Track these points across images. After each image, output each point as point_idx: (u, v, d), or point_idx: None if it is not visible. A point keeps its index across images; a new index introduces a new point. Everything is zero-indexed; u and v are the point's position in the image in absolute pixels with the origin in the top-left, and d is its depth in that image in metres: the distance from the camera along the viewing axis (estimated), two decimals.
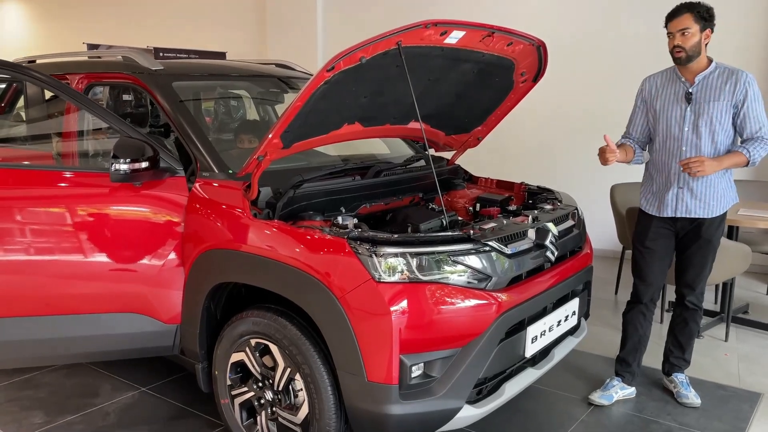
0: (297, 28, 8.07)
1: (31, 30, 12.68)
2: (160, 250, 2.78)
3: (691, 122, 3.00)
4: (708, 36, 2.94)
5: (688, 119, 3.01)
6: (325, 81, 2.41)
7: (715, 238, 3.12)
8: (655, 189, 3.16)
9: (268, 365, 2.58)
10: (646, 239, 3.18)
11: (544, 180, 3.84)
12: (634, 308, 3.28)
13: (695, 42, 2.91)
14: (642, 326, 3.27)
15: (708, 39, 2.95)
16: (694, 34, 2.90)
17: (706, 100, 2.97)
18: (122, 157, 2.61)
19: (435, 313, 2.28)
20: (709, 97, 2.96)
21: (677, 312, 3.30)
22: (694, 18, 2.89)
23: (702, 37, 2.92)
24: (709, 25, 2.92)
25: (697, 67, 2.98)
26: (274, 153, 2.62)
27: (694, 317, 3.26)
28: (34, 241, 2.78)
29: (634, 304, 3.28)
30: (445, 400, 2.32)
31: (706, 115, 2.96)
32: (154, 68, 3.12)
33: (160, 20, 9.98)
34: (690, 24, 2.89)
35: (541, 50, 3.03)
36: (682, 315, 3.28)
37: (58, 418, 3.08)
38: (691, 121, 3.00)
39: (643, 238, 3.20)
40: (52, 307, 2.79)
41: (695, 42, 2.91)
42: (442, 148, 3.67)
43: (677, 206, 3.08)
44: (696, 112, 2.98)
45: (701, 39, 2.92)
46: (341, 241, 2.31)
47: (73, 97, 2.96)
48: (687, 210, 3.07)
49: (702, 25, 2.90)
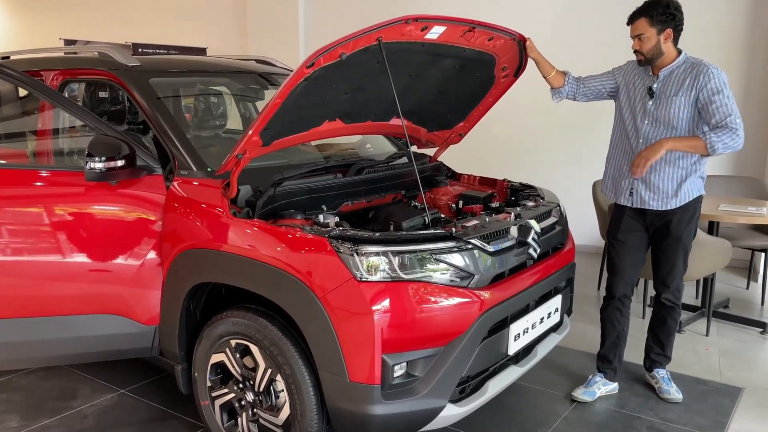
0: (278, 22, 8.00)
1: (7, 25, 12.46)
2: (138, 249, 2.73)
3: (650, 116, 2.99)
4: (669, 35, 2.91)
5: (648, 113, 3.00)
6: (305, 77, 2.38)
7: (686, 236, 3.09)
8: (613, 174, 3.19)
9: (249, 366, 2.55)
10: (618, 232, 3.19)
11: (526, 176, 3.84)
12: (609, 304, 3.28)
13: (652, 45, 2.90)
14: (619, 322, 3.27)
15: (669, 37, 2.91)
16: (650, 38, 2.89)
17: (666, 95, 2.95)
18: (97, 156, 2.56)
19: (417, 312, 2.26)
20: (670, 92, 2.95)
21: (655, 309, 3.32)
22: (649, 22, 2.88)
23: (661, 39, 2.90)
24: (668, 26, 2.89)
25: (663, 62, 2.97)
26: (254, 151, 2.59)
27: (671, 314, 3.26)
28: (8, 242, 2.71)
29: (609, 300, 3.29)
30: (427, 399, 2.30)
31: (665, 110, 2.95)
32: (130, 64, 3.06)
33: (140, 15, 9.85)
34: (644, 29, 2.89)
35: (522, 45, 3.02)
36: (660, 312, 3.29)
37: (34, 422, 3.02)
38: (651, 116, 2.99)
39: (615, 231, 3.21)
40: (27, 309, 2.73)
41: (652, 45, 2.90)
42: (424, 145, 3.65)
43: (632, 197, 3.09)
44: (658, 108, 2.97)
45: (659, 41, 2.90)
46: (322, 240, 2.29)
47: (46, 95, 2.90)
48: (641, 201, 3.07)
49: (659, 27, 2.88)
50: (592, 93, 3.22)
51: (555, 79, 3.20)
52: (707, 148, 2.83)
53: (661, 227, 3.10)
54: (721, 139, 2.81)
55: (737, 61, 5.58)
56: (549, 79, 3.20)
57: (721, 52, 5.58)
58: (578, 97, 3.26)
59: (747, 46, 5.54)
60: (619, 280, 3.22)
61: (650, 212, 3.08)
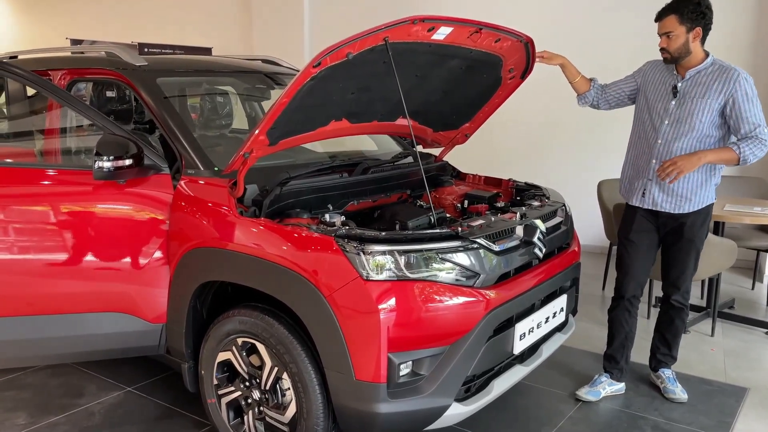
0: (283, 22, 8.01)
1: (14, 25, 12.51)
2: (145, 248, 2.74)
3: (674, 117, 2.97)
4: (698, 34, 2.86)
5: (671, 113, 2.97)
6: (312, 77, 2.39)
7: (698, 239, 3.08)
8: (630, 174, 3.18)
9: (255, 364, 2.56)
10: (630, 232, 3.18)
11: (531, 176, 3.84)
12: (618, 305, 3.27)
13: (680, 44, 2.86)
14: (627, 323, 3.27)
15: (698, 37, 2.87)
16: (679, 36, 2.85)
17: (691, 97, 2.92)
18: (105, 155, 2.57)
19: (423, 311, 2.27)
20: (695, 94, 2.91)
21: (663, 309, 3.31)
22: (679, 20, 2.83)
23: (690, 38, 2.85)
24: (698, 24, 2.84)
25: (691, 63, 2.93)
26: (260, 150, 2.60)
27: (680, 315, 3.25)
28: (16, 240, 2.73)
29: (618, 300, 3.28)
30: (433, 398, 2.31)
31: (689, 112, 2.92)
32: (138, 64, 3.08)
33: (146, 15, 9.88)
34: (674, 27, 2.85)
35: (528, 47, 3.02)
36: (668, 312, 3.28)
37: (42, 419, 3.04)
38: (674, 116, 2.97)
39: (627, 231, 3.20)
40: (35, 306, 2.75)
41: (680, 44, 2.86)
42: (429, 145, 3.66)
43: (645, 197, 3.07)
44: (680, 108, 2.95)
45: (688, 39, 2.86)
46: (328, 239, 2.30)
47: (54, 94, 2.91)
48: (654, 203, 3.05)
49: (689, 25, 2.83)
50: (615, 99, 3.22)
51: (580, 84, 3.21)
52: (739, 160, 2.83)
53: (674, 229, 3.08)
54: (752, 151, 2.82)
55: (743, 59, 5.56)
56: (574, 84, 3.21)
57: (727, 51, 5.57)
58: (601, 105, 3.25)
59: (752, 45, 5.53)
60: (630, 280, 3.21)
61: (663, 214, 3.07)
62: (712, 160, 2.90)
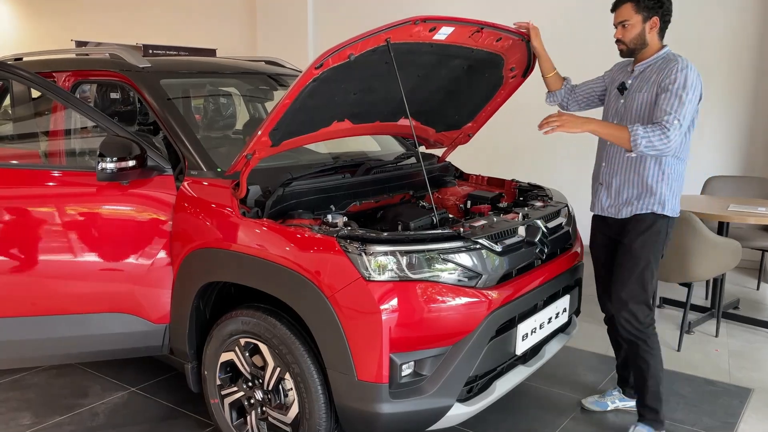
0: (287, 23, 8.04)
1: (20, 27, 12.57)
2: (149, 249, 2.75)
3: (619, 115, 2.79)
4: (655, 24, 2.68)
5: (617, 112, 2.80)
6: (314, 78, 2.40)
7: (641, 254, 2.74)
8: (592, 180, 3.00)
9: (258, 365, 2.56)
10: (593, 245, 3.04)
11: (535, 177, 3.84)
12: (608, 323, 3.04)
13: (636, 34, 2.69)
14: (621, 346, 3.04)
15: (656, 27, 2.69)
16: (634, 25, 2.68)
17: (633, 92, 2.74)
18: (109, 156, 2.58)
19: (425, 311, 2.27)
20: (637, 89, 2.73)
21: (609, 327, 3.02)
22: (635, 8, 2.67)
23: (646, 28, 2.68)
24: (655, 13, 2.66)
25: (644, 56, 2.75)
26: (263, 151, 2.61)
27: (634, 348, 2.81)
28: (20, 241, 2.75)
29: (606, 319, 3.05)
30: (435, 398, 2.31)
31: (628, 108, 2.74)
32: (141, 66, 3.09)
33: (151, 16, 9.91)
34: (629, 15, 2.68)
35: (530, 45, 3.02)
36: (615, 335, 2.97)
37: (46, 419, 3.05)
38: (619, 114, 2.79)
39: (591, 245, 3.06)
40: (39, 307, 2.76)
41: (636, 34, 2.69)
42: (432, 145, 3.66)
43: (596, 202, 2.91)
44: (624, 105, 2.78)
45: (644, 30, 2.68)
46: (331, 240, 2.30)
47: (58, 95, 2.93)
48: (601, 208, 2.88)
49: (645, 14, 2.66)
50: (585, 99, 3.06)
51: (553, 81, 3.07)
52: (630, 142, 2.54)
53: (618, 240, 2.84)
54: (648, 137, 2.52)
55: (747, 60, 5.55)
56: (547, 79, 3.07)
57: (732, 51, 5.56)
58: (570, 105, 3.10)
59: (758, 45, 5.51)
60: (603, 298, 3.03)
61: (609, 221, 2.87)
62: (599, 131, 2.66)
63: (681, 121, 2.54)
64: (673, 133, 2.52)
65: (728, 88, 5.66)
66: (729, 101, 5.68)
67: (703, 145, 5.83)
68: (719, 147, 5.78)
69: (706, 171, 5.44)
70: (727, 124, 5.73)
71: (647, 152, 2.55)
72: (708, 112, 5.76)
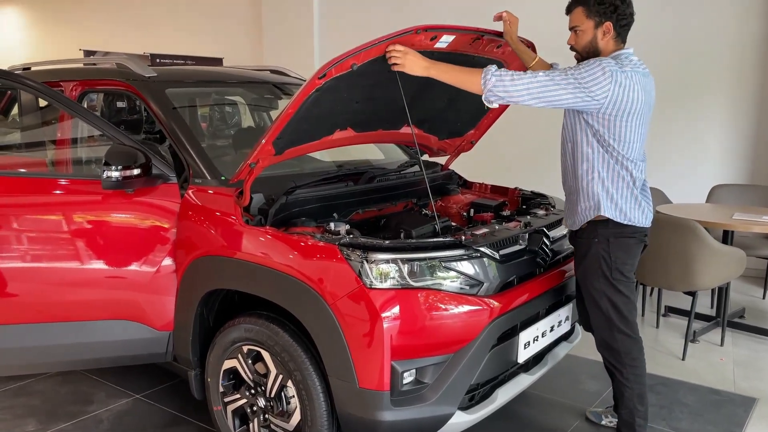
0: (293, 32, 8.10)
1: (28, 35, 12.70)
2: (153, 257, 2.77)
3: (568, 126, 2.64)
4: (608, 30, 2.52)
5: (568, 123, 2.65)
6: (317, 88, 2.42)
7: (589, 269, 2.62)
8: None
9: (261, 372, 2.58)
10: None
11: (538, 184, 3.84)
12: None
13: (588, 40, 2.55)
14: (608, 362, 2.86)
15: (608, 33, 2.53)
16: (585, 31, 2.54)
17: None
18: (114, 164, 2.61)
19: (426, 319, 2.28)
20: None
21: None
22: (585, 13, 2.53)
23: (598, 34, 2.53)
24: (608, 18, 2.51)
25: None
26: (267, 159, 2.63)
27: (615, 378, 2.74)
28: (26, 249, 2.78)
29: None
30: (437, 406, 2.31)
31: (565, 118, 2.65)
32: (147, 75, 3.13)
33: (158, 26, 10.01)
34: (580, 21, 2.55)
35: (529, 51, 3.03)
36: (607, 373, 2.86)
37: (51, 426, 3.07)
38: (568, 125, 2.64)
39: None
40: (44, 314, 2.78)
41: (588, 40, 2.55)
42: (435, 153, 3.68)
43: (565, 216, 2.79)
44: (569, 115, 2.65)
45: (596, 36, 2.54)
46: (332, 248, 2.31)
47: (65, 105, 2.96)
48: (565, 220, 2.78)
49: (597, 20, 2.52)
50: None
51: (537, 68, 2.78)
52: (480, 84, 2.41)
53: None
54: (499, 74, 2.40)
55: (752, 69, 5.55)
56: (531, 69, 2.83)
57: (737, 61, 5.57)
58: None
59: (763, 54, 5.51)
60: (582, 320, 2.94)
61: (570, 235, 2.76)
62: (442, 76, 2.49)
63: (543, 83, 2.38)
64: (527, 81, 2.37)
65: (733, 97, 5.66)
66: (734, 110, 5.68)
67: (708, 153, 5.83)
68: (724, 155, 5.77)
69: (710, 179, 5.43)
70: (732, 132, 5.72)
71: (495, 91, 2.40)
72: (713, 121, 5.77)
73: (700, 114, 5.81)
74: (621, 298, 2.63)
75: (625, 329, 2.67)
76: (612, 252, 2.60)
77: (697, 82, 5.77)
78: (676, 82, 5.74)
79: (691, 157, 5.88)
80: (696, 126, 5.84)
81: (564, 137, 2.68)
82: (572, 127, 2.60)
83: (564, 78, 2.41)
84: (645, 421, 2.78)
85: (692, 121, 5.84)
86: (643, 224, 2.62)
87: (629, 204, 2.58)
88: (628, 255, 2.63)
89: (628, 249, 2.62)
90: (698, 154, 5.86)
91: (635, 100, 2.46)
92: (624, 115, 2.47)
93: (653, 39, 5.65)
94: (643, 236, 2.68)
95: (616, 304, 2.64)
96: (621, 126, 2.49)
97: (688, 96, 5.81)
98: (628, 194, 2.58)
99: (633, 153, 2.55)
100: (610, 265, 2.60)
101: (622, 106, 2.45)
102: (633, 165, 2.56)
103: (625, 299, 2.64)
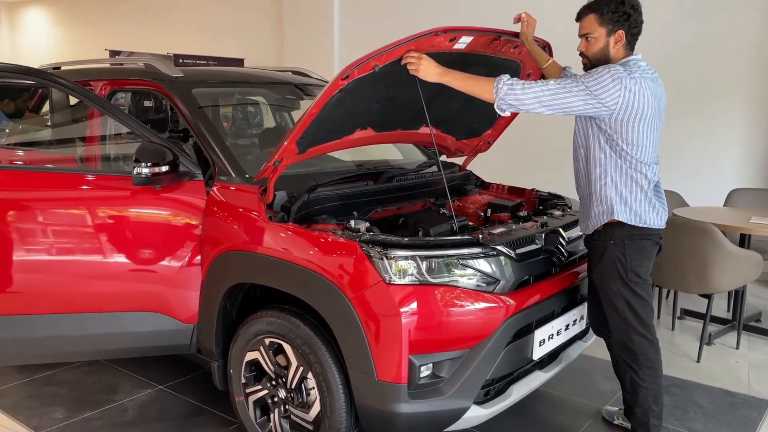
0: (314, 33, 8.18)
1: (54, 35, 12.95)
2: (179, 251, 2.86)
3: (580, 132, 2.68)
4: (621, 38, 2.53)
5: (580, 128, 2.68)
6: (340, 89, 2.49)
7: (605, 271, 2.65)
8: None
9: (282, 364, 2.65)
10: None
11: (556, 185, 3.88)
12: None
13: (600, 48, 2.55)
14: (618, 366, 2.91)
15: (621, 41, 2.53)
16: (598, 39, 2.54)
17: None
18: (144, 161, 2.70)
19: (444, 314, 2.33)
20: None
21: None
22: (599, 20, 2.52)
23: (611, 42, 2.54)
24: (621, 26, 2.51)
25: None
26: (290, 158, 2.70)
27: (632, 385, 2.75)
28: (58, 242, 2.87)
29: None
30: (453, 399, 2.37)
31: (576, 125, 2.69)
32: (174, 75, 3.22)
33: (180, 27, 10.16)
34: (593, 28, 2.54)
35: (546, 51, 3.08)
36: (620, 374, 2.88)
37: (77, 414, 3.17)
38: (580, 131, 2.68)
39: None
40: (75, 305, 2.88)
41: (600, 48, 2.55)
42: (453, 153, 3.73)
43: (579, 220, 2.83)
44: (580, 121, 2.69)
45: (608, 44, 2.54)
46: (353, 244, 2.38)
47: (97, 104, 3.06)
48: (579, 223, 2.84)
49: (610, 27, 2.52)
50: None
51: (550, 71, 2.89)
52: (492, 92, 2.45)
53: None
54: (511, 83, 2.44)
55: (762, 70, 5.52)
56: (544, 70, 2.90)
57: (756, 64, 5.55)
58: None
59: None
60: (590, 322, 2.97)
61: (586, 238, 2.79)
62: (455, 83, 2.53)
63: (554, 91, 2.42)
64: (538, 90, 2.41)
65: (752, 102, 5.64)
66: (753, 115, 5.66)
67: (726, 157, 5.81)
68: (742, 159, 5.76)
69: (729, 183, 5.42)
70: (751, 137, 5.70)
71: (507, 99, 2.44)
72: (732, 125, 5.76)
73: (719, 118, 5.80)
74: (637, 300, 2.67)
75: (642, 330, 2.70)
76: (627, 254, 2.63)
77: (716, 86, 5.76)
78: (695, 86, 5.73)
79: (709, 160, 5.87)
80: (715, 130, 5.83)
81: (576, 142, 2.72)
82: (584, 132, 2.64)
83: (575, 85, 2.43)
84: (659, 420, 2.81)
85: (711, 125, 5.83)
86: (657, 225, 2.66)
87: (643, 206, 2.61)
88: (644, 257, 2.66)
89: (643, 251, 2.65)
90: (717, 157, 5.85)
91: (646, 104, 2.49)
92: (635, 120, 2.50)
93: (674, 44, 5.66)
94: (658, 238, 2.71)
95: (632, 305, 2.67)
96: (633, 131, 2.51)
97: (706, 100, 5.80)
98: (641, 197, 2.61)
99: (646, 156, 2.58)
100: (626, 267, 2.63)
101: (634, 111, 2.48)
102: (647, 168, 2.59)
103: (642, 301, 2.67)
